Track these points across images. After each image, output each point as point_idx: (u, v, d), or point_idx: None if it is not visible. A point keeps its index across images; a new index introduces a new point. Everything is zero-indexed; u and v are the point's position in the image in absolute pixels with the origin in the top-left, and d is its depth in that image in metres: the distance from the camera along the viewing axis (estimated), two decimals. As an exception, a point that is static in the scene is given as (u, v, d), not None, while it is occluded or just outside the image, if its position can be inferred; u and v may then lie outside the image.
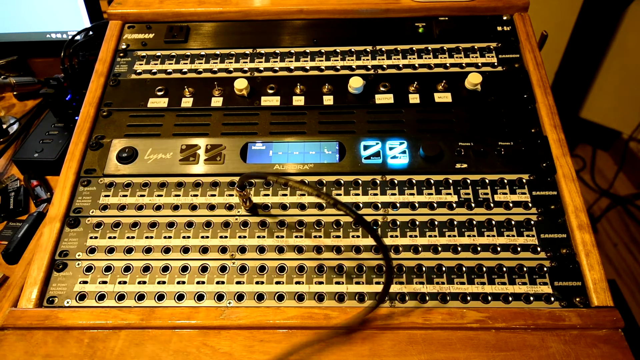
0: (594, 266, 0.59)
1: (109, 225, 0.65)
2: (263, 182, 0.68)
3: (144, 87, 0.78)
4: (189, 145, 0.71)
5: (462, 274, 0.60)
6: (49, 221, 0.65)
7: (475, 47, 0.79)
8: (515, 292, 0.58)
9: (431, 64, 0.78)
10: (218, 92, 0.76)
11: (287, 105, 0.75)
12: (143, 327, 0.57)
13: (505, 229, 0.63)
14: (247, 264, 0.61)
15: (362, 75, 0.76)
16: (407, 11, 0.82)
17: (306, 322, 0.56)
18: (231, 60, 0.81)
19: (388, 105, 0.74)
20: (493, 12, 0.82)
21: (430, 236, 0.63)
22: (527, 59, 0.77)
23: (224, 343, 0.56)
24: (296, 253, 0.62)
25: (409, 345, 0.55)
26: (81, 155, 0.71)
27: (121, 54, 0.82)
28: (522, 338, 0.55)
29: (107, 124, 0.74)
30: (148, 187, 0.68)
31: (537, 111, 0.72)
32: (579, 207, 0.63)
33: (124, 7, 0.85)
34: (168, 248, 0.63)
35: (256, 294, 0.59)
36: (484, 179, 0.66)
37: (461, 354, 0.54)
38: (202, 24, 0.85)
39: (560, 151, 0.67)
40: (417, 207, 0.65)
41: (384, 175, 0.67)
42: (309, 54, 0.81)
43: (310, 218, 0.64)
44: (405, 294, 0.59)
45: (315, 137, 0.71)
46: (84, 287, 0.61)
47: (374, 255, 0.61)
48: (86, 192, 0.68)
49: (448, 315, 0.56)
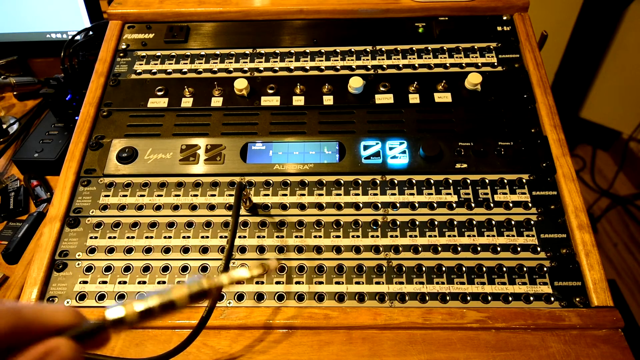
0: (594, 266, 0.59)
1: (109, 225, 0.65)
2: (263, 182, 0.68)
3: (144, 87, 0.78)
4: (189, 145, 0.71)
5: (462, 274, 0.60)
6: (49, 221, 0.65)
7: (475, 47, 0.79)
8: (515, 292, 0.58)
9: (431, 64, 0.78)
10: (218, 92, 0.76)
11: (287, 105, 0.75)
12: (143, 327, 0.57)
13: (505, 229, 0.63)
14: (247, 264, 0.61)
15: (362, 75, 0.76)
16: (407, 11, 0.82)
17: (306, 322, 0.56)
18: (231, 60, 0.81)
19: (388, 105, 0.74)
20: (493, 12, 0.82)
21: (430, 236, 0.63)
22: (527, 59, 0.77)
23: (224, 343, 0.56)
24: (296, 253, 0.62)
25: (409, 345, 0.55)
26: (81, 155, 0.71)
27: (121, 54, 0.82)
28: (522, 338, 0.55)
29: (107, 124, 0.74)
30: (148, 187, 0.68)
31: (537, 111, 0.72)
32: (579, 207, 0.63)
33: (124, 7, 0.85)
34: (168, 248, 0.63)
35: (256, 294, 0.59)
36: (484, 179, 0.66)
37: (461, 354, 0.54)
38: (202, 24, 0.84)
39: (560, 151, 0.67)
40: (417, 207, 0.65)
41: (384, 175, 0.67)
42: (309, 54, 0.81)
43: (310, 218, 0.64)
44: (405, 294, 0.59)
45: (315, 137, 0.71)
46: (84, 287, 0.61)
47: (374, 255, 0.61)
48: (86, 192, 0.68)
49: (448, 315, 0.56)
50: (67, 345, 0.28)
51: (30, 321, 0.28)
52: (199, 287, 0.32)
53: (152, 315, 0.31)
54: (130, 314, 0.31)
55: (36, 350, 0.27)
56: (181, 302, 0.31)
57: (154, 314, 0.31)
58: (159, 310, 0.31)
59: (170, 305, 0.31)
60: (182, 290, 0.31)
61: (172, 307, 0.31)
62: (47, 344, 0.28)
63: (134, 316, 0.31)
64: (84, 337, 0.30)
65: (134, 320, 0.31)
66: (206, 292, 0.32)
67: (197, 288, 0.32)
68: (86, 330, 0.30)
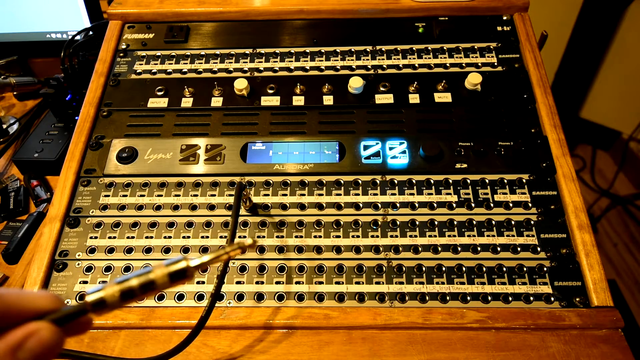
0: (594, 266, 0.59)
1: (109, 225, 0.65)
2: (263, 182, 0.68)
3: (144, 87, 0.78)
4: (189, 145, 0.71)
5: (462, 274, 0.60)
6: (49, 221, 0.65)
7: (475, 47, 0.79)
8: (515, 292, 0.58)
9: (431, 64, 0.78)
10: (218, 92, 0.76)
11: (287, 105, 0.75)
12: (143, 327, 0.57)
13: (505, 229, 0.63)
14: (247, 263, 0.61)
15: (362, 75, 0.76)
16: (407, 11, 0.82)
17: (306, 322, 0.56)
18: (231, 60, 0.81)
19: (388, 105, 0.74)
20: (493, 12, 0.82)
21: (430, 236, 0.63)
22: (527, 59, 0.77)
23: (224, 343, 0.56)
24: (296, 253, 0.62)
25: (409, 345, 0.55)
26: (81, 155, 0.71)
27: (121, 54, 0.82)
28: (522, 338, 0.55)
29: (107, 124, 0.74)
30: (148, 187, 0.68)
31: (537, 111, 0.72)
32: (579, 207, 0.63)
33: (124, 7, 0.85)
34: (168, 248, 0.63)
35: (256, 294, 0.59)
36: (484, 179, 0.66)
37: (461, 354, 0.54)
38: (202, 24, 0.84)
39: (560, 151, 0.67)
40: (417, 207, 0.65)
41: (384, 175, 0.67)
42: (309, 54, 0.81)
43: (310, 218, 0.64)
44: (405, 294, 0.59)
45: (315, 137, 0.71)
46: (84, 287, 0.61)
47: (374, 255, 0.61)
48: (86, 192, 0.68)
49: (448, 315, 0.56)
50: (47, 328, 0.28)
51: (11, 305, 0.29)
52: (178, 267, 0.32)
53: (132, 296, 0.31)
54: (110, 295, 0.30)
55: (16, 334, 0.28)
56: (161, 281, 0.31)
57: (135, 295, 0.31)
58: (139, 290, 0.31)
59: (151, 285, 0.31)
60: (162, 270, 0.31)
61: (152, 287, 0.31)
62: (27, 328, 0.28)
63: (114, 298, 0.30)
64: (65, 320, 0.30)
65: (115, 303, 0.31)
66: (186, 272, 0.32)
67: (177, 268, 0.32)
68: (67, 314, 0.30)
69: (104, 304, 0.30)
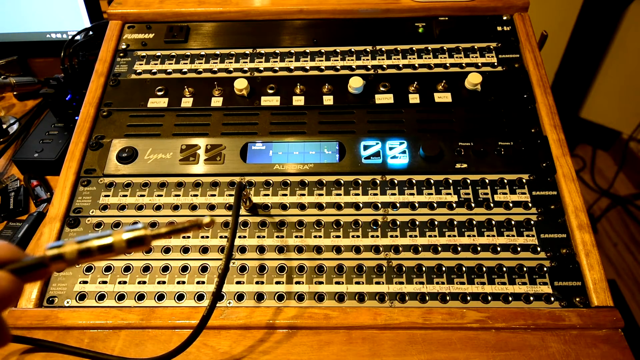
0: (594, 266, 0.59)
1: (109, 226, 0.65)
2: (263, 182, 0.68)
3: (144, 87, 0.78)
4: (189, 145, 0.71)
5: (462, 274, 0.60)
6: (49, 221, 0.65)
7: (475, 47, 0.79)
8: (515, 292, 0.58)
9: (431, 64, 0.78)
10: (218, 92, 0.76)
11: (287, 105, 0.75)
12: (143, 327, 0.57)
13: (505, 229, 0.63)
14: (247, 264, 0.62)
15: (362, 75, 0.76)
16: (407, 11, 0.82)
17: (306, 322, 0.56)
18: (231, 60, 0.81)
19: (388, 105, 0.74)
20: (493, 12, 0.82)
21: (430, 236, 0.63)
22: (527, 59, 0.77)
23: (224, 343, 0.56)
24: (296, 253, 0.62)
25: (409, 345, 0.55)
26: (81, 155, 0.71)
27: (121, 54, 0.82)
28: (522, 338, 0.55)
29: (107, 124, 0.74)
30: (148, 187, 0.68)
31: (537, 111, 0.72)
32: (579, 207, 0.63)
33: (124, 7, 0.85)
34: (168, 248, 0.63)
35: (256, 294, 0.59)
36: (484, 179, 0.66)
37: (461, 354, 0.54)
38: (202, 24, 0.85)
39: (560, 151, 0.67)
40: (417, 207, 0.65)
41: (384, 175, 0.67)
42: (309, 54, 0.81)
43: (310, 218, 0.64)
44: (405, 294, 0.59)
45: (315, 137, 0.71)
46: (84, 287, 0.61)
47: (374, 255, 0.61)
48: (86, 192, 0.68)
49: (448, 315, 0.56)
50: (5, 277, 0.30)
51: None
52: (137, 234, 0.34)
53: (90, 255, 0.33)
54: (69, 251, 0.33)
55: None
56: (118, 245, 0.33)
57: (92, 254, 0.33)
58: (97, 251, 0.33)
59: (108, 248, 0.33)
60: (121, 235, 0.33)
61: (109, 249, 0.33)
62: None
63: (72, 255, 0.33)
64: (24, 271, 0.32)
65: (73, 259, 0.33)
66: (144, 240, 0.34)
67: (135, 235, 0.34)
68: (26, 265, 0.32)
69: (62, 259, 0.33)
